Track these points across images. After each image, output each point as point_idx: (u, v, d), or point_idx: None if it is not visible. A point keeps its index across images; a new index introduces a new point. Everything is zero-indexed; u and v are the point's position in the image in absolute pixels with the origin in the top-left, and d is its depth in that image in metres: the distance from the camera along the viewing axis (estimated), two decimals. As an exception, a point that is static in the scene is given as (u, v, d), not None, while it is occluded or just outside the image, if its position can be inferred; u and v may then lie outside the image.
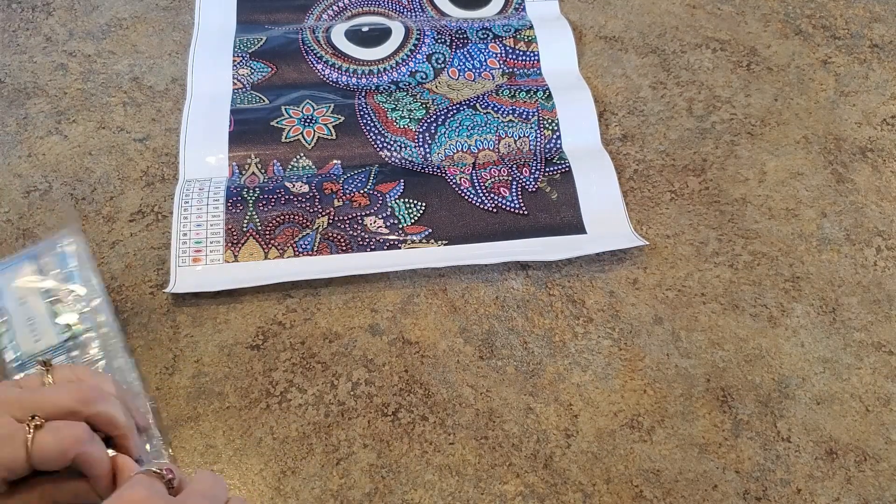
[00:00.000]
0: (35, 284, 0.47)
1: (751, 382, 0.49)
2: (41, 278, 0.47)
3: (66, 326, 0.46)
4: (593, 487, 0.45)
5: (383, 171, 0.57)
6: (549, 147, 0.60)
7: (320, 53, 0.64)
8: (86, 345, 0.46)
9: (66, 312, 0.46)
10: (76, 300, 0.47)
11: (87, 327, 0.46)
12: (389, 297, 0.52)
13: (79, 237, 0.49)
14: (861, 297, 0.53)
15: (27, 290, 0.46)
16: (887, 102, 0.64)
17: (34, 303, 0.46)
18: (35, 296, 0.46)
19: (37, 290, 0.47)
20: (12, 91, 0.61)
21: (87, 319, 0.46)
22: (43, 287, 0.47)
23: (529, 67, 0.65)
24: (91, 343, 0.46)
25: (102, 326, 0.47)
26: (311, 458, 0.45)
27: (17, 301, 0.46)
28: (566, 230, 0.55)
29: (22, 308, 0.46)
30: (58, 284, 0.47)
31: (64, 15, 0.66)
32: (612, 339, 0.51)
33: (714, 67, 0.65)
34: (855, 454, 0.47)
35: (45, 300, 0.46)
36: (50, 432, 0.36)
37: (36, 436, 0.35)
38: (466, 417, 0.47)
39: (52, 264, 0.48)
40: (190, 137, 0.58)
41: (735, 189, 0.58)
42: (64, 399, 0.37)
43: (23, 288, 0.46)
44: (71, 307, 0.46)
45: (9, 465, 0.35)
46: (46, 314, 0.46)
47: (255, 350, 0.49)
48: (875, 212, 0.57)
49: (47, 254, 0.48)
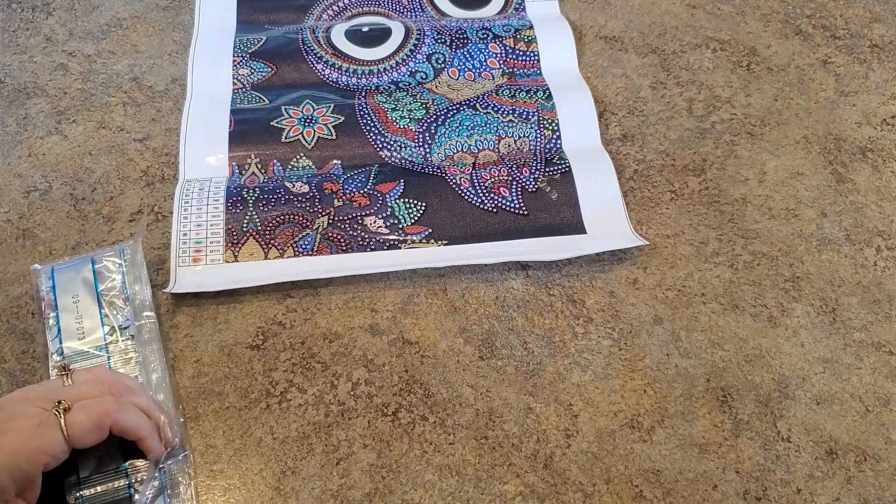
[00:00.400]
0: (90, 287, 0.49)
1: (751, 382, 0.49)
2: (98, 282, 0.49)
3: (112, 330, 0.47)
4: (593, 487, 0.45)
5: (383, 171, 0.57)
6: (549, 147, 0.60)
7: (320, 53, 0.64)
8: (126, 352, 0.47)
9: (113, 318, 0.48)
10: (125, 308, 0.48)
11: (130, 335, 0.47)
12: (389, 297, 0.52)
13: (138, 249, 0.51)
14: (861, 297, 0.53)
15: (82, 290, 0.49)
16: (887, 102, 0.64)
17: (86, 303, 0.48)
18: (88, 297, 0.48)
19: (91, 292, 0.49)
20: (12, 91, 0.61)
21: (133, 329, 0.48)
22: (97, 290, 0.49)
23: (529, 67, 0.65)
24: (131, 351, 0.47)
25: (146, 338, 0.48)
26: (311, 458, 0.45)
27: (71, 299, 0.48)
28: (566, 230, 0.55)
29: (74, 306, 0.48)
30: (111, 290, 0.49)
31: (64, 15, 0.66)
32: (612, 339, 0.51)
33: (714, 67, 0.65)
34: (855, 454, 0.47)
35: (97, 303, 0.48)
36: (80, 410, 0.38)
37: (67, 417, 0.38)
38: (466, 417, 0.47)
39: (109, 270, 0.50)
40: (190, 137, 0.58)
41: (735, 189, 0.58)
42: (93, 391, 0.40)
43: (77, 287, 0.49)
44: (119, 314, 0.48)
45: (50, 449, 0.37)
46: (95, 316, 0.48)
47: (255, 350, 0.49)
48: (875, 212, 0.57)
49: (107, 259, 0.50)
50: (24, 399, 0.38)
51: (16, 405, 0.38)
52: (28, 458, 0.36)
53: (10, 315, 0.50)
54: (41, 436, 0.37)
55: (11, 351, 0.48)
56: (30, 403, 0.38)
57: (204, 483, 0.44)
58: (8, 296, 0.50)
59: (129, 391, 0.42)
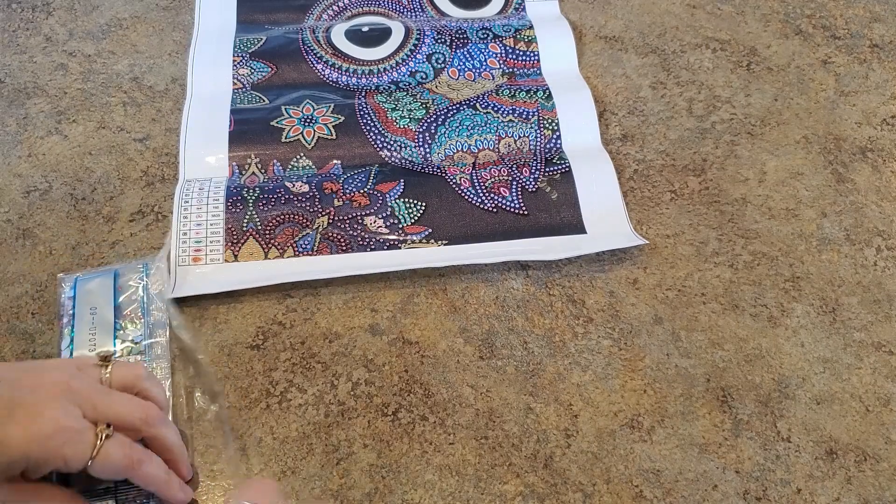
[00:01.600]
0: (109, 300, 0.49)
1: (751, 382, 0.49)
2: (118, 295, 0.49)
3: (124, 345, 0.47)
4: (593, 487, 0.45)
5: (383, 170, 0.57)
6: (549, 147, 0.60)
7: (320, 53, 0.64)
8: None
9: (127, 333, 0.48)
10: (141, 325, 0.48)
11: (139, 351, 0.47)
12: (389, 297, 0.52)
13: (163, 266, 0.51)
14: (861, 297, 0.53)
15: (101, 303, 0.49)
16: (887, 102, 0.64)
17: (102, 315, 0.48)
18: (105, 309, 0.48)
19: (109, 305, 0.49)
20: (12, 91, 0.61)
21: (145, 347, 0.48)
22: (115, 304, 0.49)
23: (529, 67, 0.65)
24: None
25: (156, 354, 0.48)
26: (311, 458, 0.45)
27: (88, 309, 0.48)
28: (566, 230, 0.55)
29: (90, 316, 0.48)
30: (129, 305, 0.49)
31: (64, 15, 0.66)
32: (612, 339, 0.51)
33: (714, 67, 0.65)
34: (855, 454, 0.47)
35: (113, 317, 0.48)
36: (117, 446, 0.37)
37: (105, 444, 0.36)
38: (466, 417, 0.47)
39: (131, 285, 0.50)
40: (190, 137, 0.58)
41: (735, 189, 0.58)
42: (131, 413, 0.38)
43: (97, 299, 0.49)
44: (134, 330, 0.48)
45: (70, 460, 0.35)
46: (109, 329, 0.48)
47: (255, 350, 0.49)
48: (875, 212, 0.57)
49: (130, 274, 0.50)
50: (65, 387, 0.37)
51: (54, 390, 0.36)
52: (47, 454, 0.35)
53: (10, 315, 0.50)
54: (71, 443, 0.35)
55: (11, 351, 0.48)
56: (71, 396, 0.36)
57: (204, 483, 0.44)
58: (8, 296, 0.50)
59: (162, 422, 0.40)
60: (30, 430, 0.34)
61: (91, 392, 0.38)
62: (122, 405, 0.38)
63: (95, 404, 0.37)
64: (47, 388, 0.36)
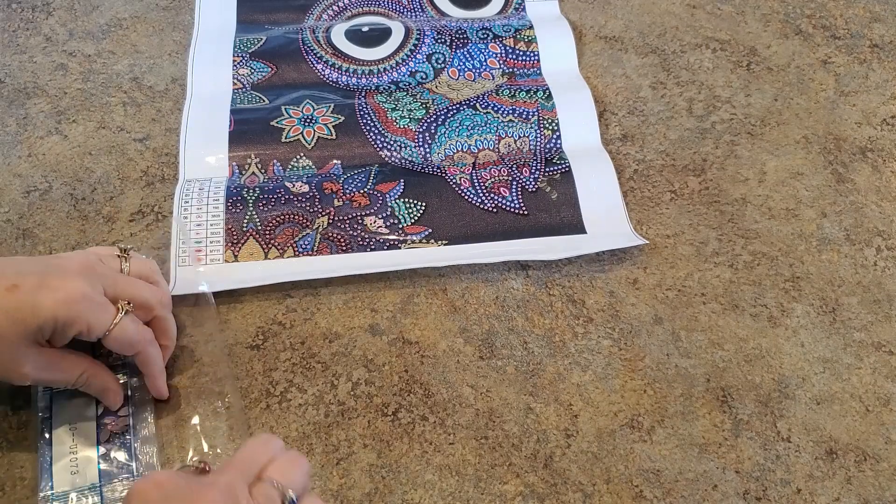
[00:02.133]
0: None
1: (751, 382, 0.49)
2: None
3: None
4: (593, 487, 0.45)
5: (383, 170, 0.57)
6: (549, 147, 0.60)
7: (320, 53, 0.64)
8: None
9: None
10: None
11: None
12: (389, 297, 0.52)
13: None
14: (861, 297, 0.53)
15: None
16: (887, 102, 0.64)
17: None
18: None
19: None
20: (12, 91, 0.61)
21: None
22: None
23: (529, 67, 0.65)
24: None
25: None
26: (311, 458, 0.45)
27: None
28: (566, 230, 0.55)
29: None
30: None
31: (64, 15, 0.66)
32: (612, 339, 0.51)
33: (714, 67, 0.65)
34: (855, 454, 0.47)
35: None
36: (134, 322, 0.42)
37: (124, 318, 0.41)
38: (466, 417, 0.47)
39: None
40: (190, 137, 0.58)
41: (735, 189, 0.58)
42: (149, 295, 0.44)
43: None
44: None
45: (91, 326, 0.40)
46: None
47: (255, 350, 0.49)
48: (875, 212, 0.57)
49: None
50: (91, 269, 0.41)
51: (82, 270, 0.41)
52: (73, 318, 0.39)
53: (10, 315, 0.49)
54: (94, 311, 0.40)
55: (11, 351, 0.48)
56: (95, 276, 0.41)
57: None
58: (8, 296, 0.50)
59: (170, 308, 0.46)
60: (59, 295, 0.39)
61: (113, 274, 0.43)
62: (141, 287, 0.44)
63: (117, 283, 0.42)
64: (75, 268, 0.41)
